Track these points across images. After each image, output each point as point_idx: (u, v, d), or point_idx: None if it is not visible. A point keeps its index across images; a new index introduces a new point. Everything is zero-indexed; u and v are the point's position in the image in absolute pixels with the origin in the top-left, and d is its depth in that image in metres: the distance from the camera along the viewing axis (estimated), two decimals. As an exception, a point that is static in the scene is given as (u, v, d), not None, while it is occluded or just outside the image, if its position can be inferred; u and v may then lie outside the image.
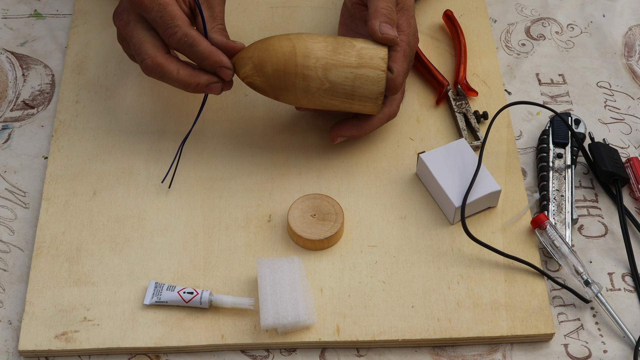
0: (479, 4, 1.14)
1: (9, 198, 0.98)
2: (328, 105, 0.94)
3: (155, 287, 0.90)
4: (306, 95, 0.93)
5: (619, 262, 0.95)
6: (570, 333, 0.90)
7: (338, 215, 0.93)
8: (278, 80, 0.92)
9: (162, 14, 0.91)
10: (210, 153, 1.00)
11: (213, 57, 0.92)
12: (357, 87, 0.92)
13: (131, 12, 0.94)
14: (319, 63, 0.91)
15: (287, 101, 0.95)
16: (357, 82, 0.92)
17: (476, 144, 1.00)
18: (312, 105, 0.95)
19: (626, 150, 1.03)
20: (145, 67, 0.93)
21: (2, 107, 1.06)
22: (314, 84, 0.92)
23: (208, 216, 0.95)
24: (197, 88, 0.93)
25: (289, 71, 0.92)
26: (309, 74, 0.92)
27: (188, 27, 0.92)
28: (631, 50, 1.12)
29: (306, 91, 0.92)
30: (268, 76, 0.92)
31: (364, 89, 0.92)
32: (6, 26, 1.13)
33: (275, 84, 0.93)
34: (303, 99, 0.94)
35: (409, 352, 0.89)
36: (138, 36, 0.93)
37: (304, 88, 0.92)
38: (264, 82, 0.93)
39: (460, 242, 0.94)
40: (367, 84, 0.92)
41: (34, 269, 0.92)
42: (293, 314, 0.86)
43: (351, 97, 0.93)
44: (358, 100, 0.93)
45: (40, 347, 0.87)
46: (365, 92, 0.93)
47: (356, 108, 0.94)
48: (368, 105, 0.94)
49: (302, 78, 0.92)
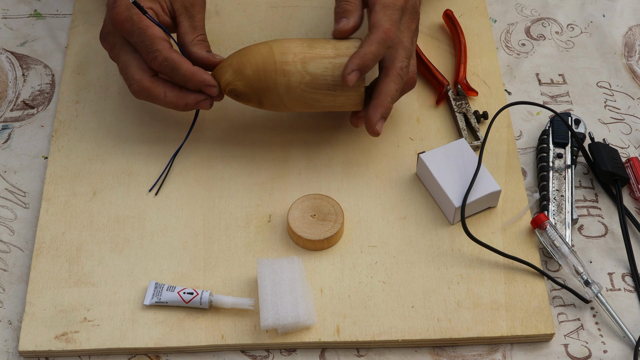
0: (479, 3, 1.14)
1: (9, 198, 0.98)
2: (311, 101, 0.94)
3: (155, 287, 0.90)
4: (288, 91, 0.93)
5: (619, 262, 0.95)
6: (570, 333, 0.90)
7: (338, 215, 0.93)
8: (259, 81, 0.93)
9: (143, 38, 0.92)
10: (210, 153, 1.00)
11: (196, 78, 0.93)
12: (337, 77, 0.93)
13: (115, 35, 0.95)
14: (297, 57, 0.93)
15: (271, 103, 0.95)
16: (337, 71, 0.93)
17: (476, 144, 1.00)
18: (295, 104, 0.94)
19: (626, 150, 1.03)
20: (134, 92, 0.95)
21: (2, 107, 1.06)
22: (294, 78, 0.92)
23: (208, 216, 0.96)
24: (187, 107, 0.95)
25: (269, 69, 0.92)
26: (288, 69, 0.92)
27: (168, 51, 0.93)
28: (631, 50, 1.12)
29: (288, 87, 0.93)
30: (249, 78, 0.93)
31: None
32: (6, 26, 1.13)
33: (257, 84, 0.93)
34: (286, 97, 0.94)
35: (409, 352, 0.89)
36: (124, 60, 0.95)
37: (286, 84, 0.93)
38: (245, 86, 0.93)
39: (460, 242, 0.94)
40: None
41: (34, 269, 0.92)
42: (293, 315, 0.86)
43: (333, 89, 0.93)
44: (340, 91, 0.93)
45: (41, 348, 0.87)
46: None
47: (340, 101, 0.94)
48: (351, 96, 0.94)
49: (282, 74, 0.92)
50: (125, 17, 0.93)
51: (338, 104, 0.95)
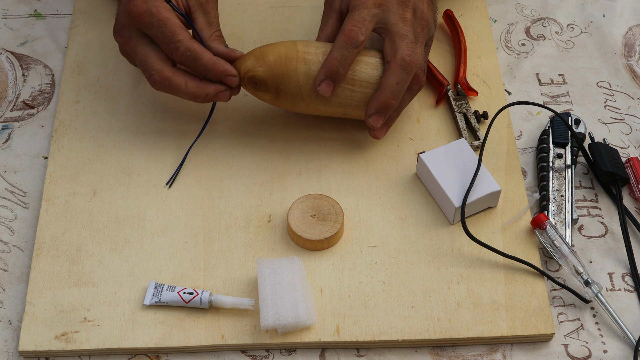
0: (479, 3, 1.14)
1: (9, 198, 0.98)
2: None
3: (155, 287, 0.90)
4: (308, 80, 0.94)
5: (619, 262, 0.95)
6: (570, 333, 0.90)
7: (338, 215, 0.93)
8: (280, 66, 0.94)
9: (163, 29, 0.92)
10: (210, 153, 1.00)
11: (217, 68, 0.93)
12: (357, 72, 0.94)
13: (132, 28, 0.94)
14: (319, 50, 0.95)
15: (289, 93, 0.95)
16: (357, 66, 0.94)
17: (476, 144, 1.00)
18: (313, 95, 0.95)
19: (626, 150, 1.03)
20: (154, 82, 0.94)
21: (2, 107, 1.06)
22: (315, 67, 0.94)
23: (208, 216, 0.95)
24: (207, 98, 0.95)
25: (291, 56, 0.94)
26: (310, 59, 0.94)
27: (190, 41, 0.93)
28: (631, 50, 1.12)
29: (308, 75, 0.94)
30: (270, 64, 0.94)
31: (364, 73, 0.95)
32: (6, 26, 1.13)
33: (277, 70, 0.94)
34: (305, 87, 0.94)
35: (409, 352, 0.89)
36: (142, 52, 0.94)
37: (306, 72, 0.94)
38: (265, 71, 0.94)
39: (460, 242, 0.94)
40: (366, 68, 0.95)
41: (34, 269, 0.92)
42: (293, 315, 0.86)
43: (352, 83, 0.94)
44: (359, 86, 0.95)
45: (41, 348, 0.87)
46: (366, 77, 0.95)
47: (357, 98, 0.95)
48: (368, 93, 0.95)
49: (303, 62, 0.94)
50: (143, 10, 0.93)
51: (355, 101, 0.95)
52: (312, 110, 0.97)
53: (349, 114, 0.98)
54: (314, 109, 0.97)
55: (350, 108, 0.96)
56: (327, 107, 0.96)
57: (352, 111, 0.97)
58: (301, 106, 0.97)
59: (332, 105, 0.96)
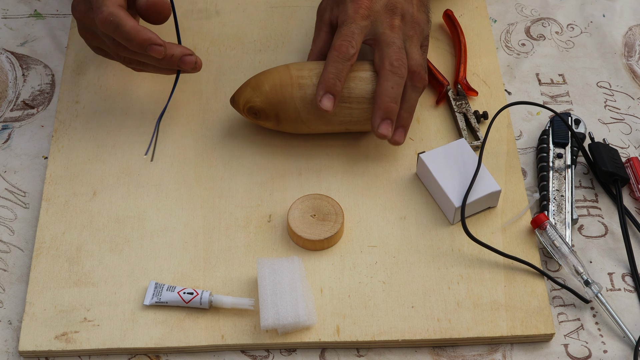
0: (479, 3, 1.14)
1: (9, 198, 0.98)
2: (327, 115, 0.96)
3: (155, 287, 0.90)
4: (304, 104, 0.95)
5: (619, 262, 0.95)
6: (570, 333, 0.90)
7: (338, 215, 0.93)
8: (276, 95, 0.95)
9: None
10: (210, 153, 1.00)
11: (140, 36, 0.89)
12: (352, 89, 0.95)
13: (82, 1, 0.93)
14: (313, 72, 0.96)
15: (289, 118, 0.96)
16: (352, 83, 0.95)
17: (476, 144, 1.00)
18: (312, 118, 0.96)
19: (626, 150, 1.03)
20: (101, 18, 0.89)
21: (2, 107, 1.06)
22: (310, 91, 0.95)
23: (208, 216, 0.95)
24: (172, 60, 0.92)
25: (285, 83, 0.95)
26: (304, 83, 0.95)
27: (116, 7, 0.89)
28: (631, 50, 1.12)
29: (304, 100, 0.95)
30: (266, 93, 0.95)
31: (360, 89, 0.95)
32: (6, 26, 1.13)
33: (274, 98, 0.95)
34: (303, 111, 0.95)
35: (409, 352, 0.89)
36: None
37: (302, 97, 0.95)
38: (263, 101, 0.95)
39: (460, 242, 0.94)
40: (361, 84, 0.95)
41: (34, 269, 0.92)
42: (293, 315, 0.86)
43: (349, 100, 0.95)
44: (356, 103, 0.95)
45: (41, 348, 0.87)
46: (362, 93, 0.95)
47: (356, 114, 0.96)
48: (366, 109, 0.96)
49: (298, 87, 0.95)
50: None
51: (355, 118, 0.96)
52: (314, 131, 0.99)
53: (352, 129, 0.99)
54: (316, 129, 0.98)
55: (351, 124, 0.98)
56: (329, 127, 0.98)
57: (354, 127, 0.98)
58: (303, 129, 0.98)
59: (334, 124, 0.97)
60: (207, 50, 1.09)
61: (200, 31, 1.11)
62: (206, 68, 1.07)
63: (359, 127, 0.98)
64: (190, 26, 1.11)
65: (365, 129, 0.99)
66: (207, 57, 1.08)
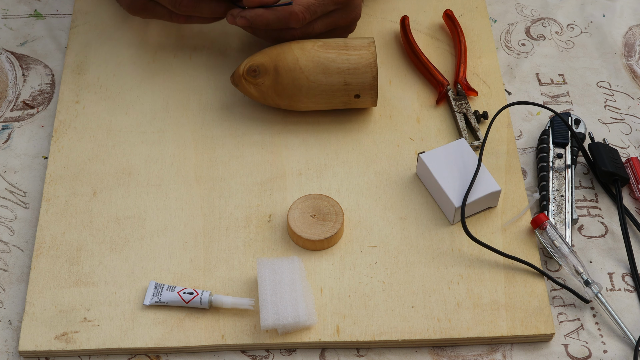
0: (479, 3, 1.14)
1: (9, 198, 0.98)
2: (326, 61, 0.97)
3: (155, 287, 0.90)
4: (303, 52, 0.97)
5: (619, 262, 0.95)
6: (570, 333, 0.90)
7: (338, 215, 0.93)
8: (275, 49, 0.99)
9: None
10: (210, 153, 1.00)
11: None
12: (348, 42, 0.99)
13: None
14: (311, 37, 1.00)
15: (287, 67, 0.97)
16: (348, 40, 1.00)
17: (476, 144, 1.00)
18: (311, 65, 0.97)
19: (626, 150, 1.03)
20: None
21: (2, 107, 1.06)
22: (308, 44, 0.99)
23: (208, 216, 0.96)
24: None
25: (284, 44, 0.99)
26: (302, 40, 0.99)
27: None
28: (631, 50, 1.12)
29: (302, 49, 0.98)
30: (266, 51, 0.99)
31: (356, 41, 1.00)
32: (6, 26, 1.13)
33: (273, 52, 0.99)
34: (302, 58, 0.97)
35: (409, 352, 0.89)
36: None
37: (300, 47, 0.98)
38: (262, 56, 0.98)
39: (460, 242, 0.94)
40: (356, 40, 1.00)
41: (34, 269, 0.92)
42: (293, 315, 0.86)
43: (345, 48, 0.98)
44: (353, 49, 0.98)
45: (41, 348, 0.87)
46: (358, 42, 0.99)
47: (353, 60, 0.98)
48: (364, 54, 0.98)
49: (296, 43, 0.99)
50: None
51: (352, 64, 0.97)
52: (312, 83, 0.97)
53: (350, 82, 0.98)
54: (315, 80, 0.97)
55: (349, 74, 0.97)
56: (327, 77, 0.97)
57: (352, 78, 0.98)
58: (302, 81, 0.97)
59: (332, 73, 0.97)
60: (207, 50, 1.09)
61: (201, 31, 1.11)
62: (206, 68, 1.07)
63: (357, 79, 0.98)
64: (190, 26, 1.11)
65: (364, 90, 0.98)
66: (207, 57, 1.08)
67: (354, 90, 0.98)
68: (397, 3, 1.14)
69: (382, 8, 1.13)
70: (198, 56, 1.08)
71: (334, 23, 1.01)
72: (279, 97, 0.99)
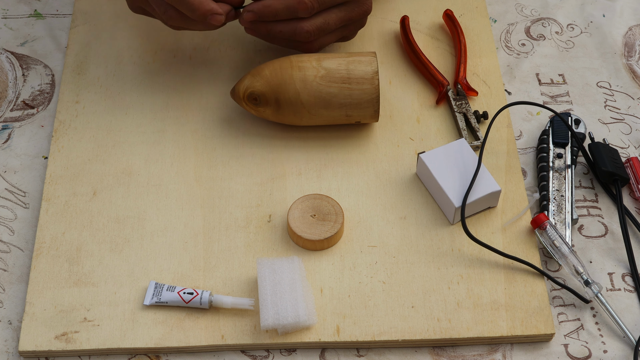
0: (479, 3, 1.14)
1: (9, 198, 0.98)
2: (328, 96, 0.96)
3: (155, 287, 0.90)
4: (305, 85, 0.96)
5: (619, 262, 0.95)
6: (570, 333, 0.90)
7: (338, 215, 0.93)
8: (276, 77, 0.96)
9: None
10: (210, 153, 1.00)
11: (203, 7, 0.94)
12: (351, 70, 0.97)
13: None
14: (312, 57, 0.98)
15: (289, 101, 0.96)
16: (351, 65, 0.97)
17: (476, 144, 1.00)
18: (313, 100, 0.96)
19: (626, 150, 1.03)
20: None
21: (2, 107, 1.06)
22: (310, 72, 0.96)
23: (208, 216, 0.96)
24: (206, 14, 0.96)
25: (285, 66, 0.97)
26: (303, 65, 0.97)
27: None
28: (631, 50, 1.12)
29: (304, 81, 0.96)
30: (266, 77, 0.96)
31: (359, 70, 0.97)
32: (6, 26, 1.13)
33: (274, 81, 0.96)
34: (303, 92, 0.96)
35: (409, 352, 0.89)
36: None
37: (302, 78, 0.96)
38: (263, 85, 0.96)
39: (460, 242, 0.94)
40: (360, 65, 0.97)
41: (34, 269, 0.92)
42: (293, 315, 0.86)
43: (348, 82, 0.96)
44: (355, 83, 0.96)
45: (41, 348, 0.87)
46: (361, 73, 0.97)
47: (356, 95, 0.97)
48: (366, 89, 0.96)
49: (297, 69, 0.96)
50: None
51: (355, 99, 0.96)
52: (314, 116, 0.98)
53: (351, 114, 0.98)
54: (316, 114, 0.98)
55: (351, 108, 0.97)
56: (329, 111, 0.97)
57: (354, 111, 0.97)
58: (303, 114, 0.98)
59: (334, 107, 0.97)
60: (207, 50, 1.09)
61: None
62: (206, 68, 1.07)
63: (359, 112, 0.98)
64: (190, 26, 1.11)
65: (365, 118, 0.98)
66: (207, 56, 1.08)
67: (356, 118, 0.99)
68: (397, 3, 1.14)
69: (382, 8, 1.13)
70: (198, 56, 1.08)
71: (347, 17, 1.00)
72: (280, 121, 1.00)
